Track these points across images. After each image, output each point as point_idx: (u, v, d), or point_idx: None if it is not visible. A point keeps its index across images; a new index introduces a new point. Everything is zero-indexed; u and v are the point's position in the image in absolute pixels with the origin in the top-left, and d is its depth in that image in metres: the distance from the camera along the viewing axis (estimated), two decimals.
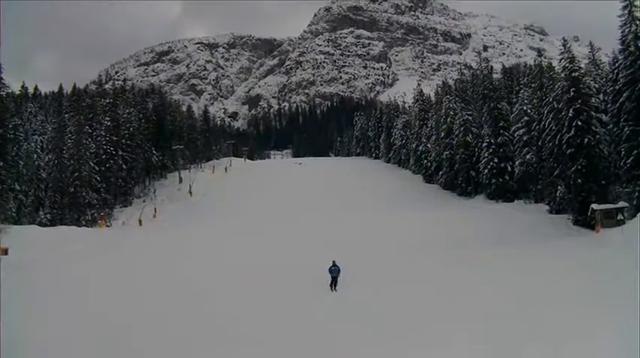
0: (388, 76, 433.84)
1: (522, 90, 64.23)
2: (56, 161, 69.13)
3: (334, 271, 28.85)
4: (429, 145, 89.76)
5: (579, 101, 47.04)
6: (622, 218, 40.10)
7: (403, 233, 47.72)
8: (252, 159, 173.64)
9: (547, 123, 51.60)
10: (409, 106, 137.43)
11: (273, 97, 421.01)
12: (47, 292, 28.57)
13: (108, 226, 68.05)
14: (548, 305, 20.75)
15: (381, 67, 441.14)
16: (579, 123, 46.62)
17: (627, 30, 43.72)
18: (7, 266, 35.99)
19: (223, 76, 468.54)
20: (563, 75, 50.28)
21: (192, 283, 31.04)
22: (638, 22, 43.19)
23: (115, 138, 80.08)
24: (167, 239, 53.04)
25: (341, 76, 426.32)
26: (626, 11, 44.04)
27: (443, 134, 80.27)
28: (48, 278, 31.99)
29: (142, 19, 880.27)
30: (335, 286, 28.50)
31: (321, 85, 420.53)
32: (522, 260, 32.06)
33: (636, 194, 41.88)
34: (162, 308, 25.35)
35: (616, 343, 15.49)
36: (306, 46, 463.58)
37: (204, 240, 50.06)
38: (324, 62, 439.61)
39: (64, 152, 70.00)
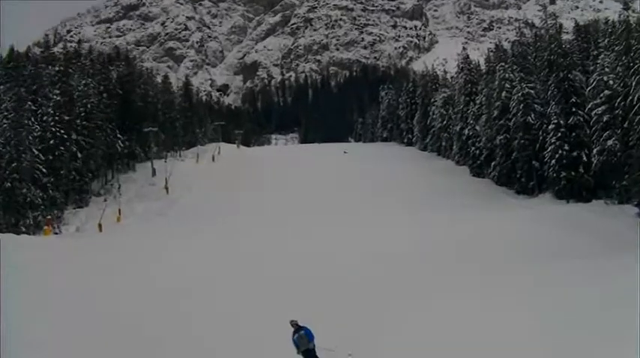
0: (424, 38, 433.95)
1: (602, 56, 63.21)
2: None
3: (302, 340, 21.87)
4: (477, 128, 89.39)
5: None
6: None
7: (444, 245, 46.89)
8: (248, 146, 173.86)
9: (636, 99, 50.63)
10: (452, 77, 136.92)
11: (275, 65, 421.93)
12: None
13: (56, 233, 67.64)
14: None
15: (415, 27, 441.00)
16: None
17: None
18: None
19: (210, 37, 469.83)
20: None
21: (163, 308, 30.64)
22: None
23: (66, 118, 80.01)
24: (134, 249, 52.64)
25: (363, 38, 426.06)
26: None
27: (496, 113, 79.77)
28: None
29: None
30: None
31: (337, 49, 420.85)
32: (600, 280, 31.05)
33: None
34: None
35: None
36: None
37: (182, 251, 49.63)
38: (340, 20, 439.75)
39: None
